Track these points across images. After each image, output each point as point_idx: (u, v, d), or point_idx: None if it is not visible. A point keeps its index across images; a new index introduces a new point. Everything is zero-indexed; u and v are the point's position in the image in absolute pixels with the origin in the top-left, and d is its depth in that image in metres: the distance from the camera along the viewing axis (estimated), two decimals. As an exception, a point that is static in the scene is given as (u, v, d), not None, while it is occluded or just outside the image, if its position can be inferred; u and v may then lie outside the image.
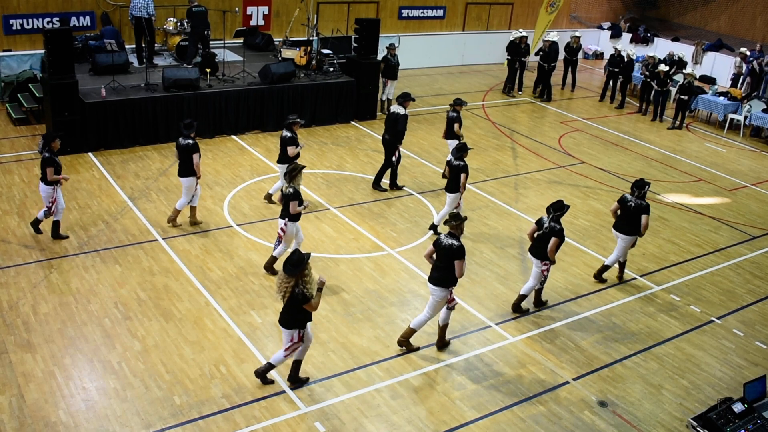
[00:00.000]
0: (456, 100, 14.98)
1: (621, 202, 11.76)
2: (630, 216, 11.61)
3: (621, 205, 11.74)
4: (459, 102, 14.90)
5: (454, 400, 9.06)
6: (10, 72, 18.20)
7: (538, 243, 10.74)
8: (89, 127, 15.48)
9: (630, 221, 11.64)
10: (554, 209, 10.66)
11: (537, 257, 10.81)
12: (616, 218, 11.88)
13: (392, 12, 24.85)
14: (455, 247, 9.37)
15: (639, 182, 11.69)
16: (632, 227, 11.65)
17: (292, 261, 8.20)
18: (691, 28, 30.23)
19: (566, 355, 10.19)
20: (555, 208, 10.66)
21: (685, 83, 21.35)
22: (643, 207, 11.53)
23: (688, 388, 9.75)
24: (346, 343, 9.98)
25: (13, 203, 12.97)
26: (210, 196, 13.94)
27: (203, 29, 18.53)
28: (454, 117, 14.98)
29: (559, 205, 10.69)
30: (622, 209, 11.71)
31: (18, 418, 8.08)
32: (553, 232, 10.53)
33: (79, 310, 10.12)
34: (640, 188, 11.62)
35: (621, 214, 11.75)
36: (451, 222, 9.57)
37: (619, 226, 11.82)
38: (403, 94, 14.61)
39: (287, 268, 8.21)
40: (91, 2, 19.15)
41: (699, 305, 11.85)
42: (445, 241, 9.47)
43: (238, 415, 8.46)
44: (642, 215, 11.52)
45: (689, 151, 19.70)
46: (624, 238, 11.78)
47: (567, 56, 24.28)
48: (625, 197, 11.75)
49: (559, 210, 10.65)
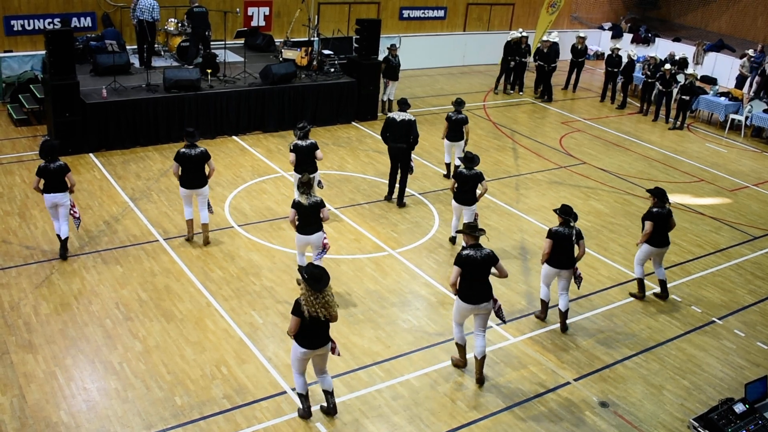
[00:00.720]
0: (460, 100, 14.90)
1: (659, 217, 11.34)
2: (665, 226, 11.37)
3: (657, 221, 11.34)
4: (463, 102, 14.87)
5: (455, 401, 9.06)
6: (11, 73, 18.22)
7: (570, 253, 10.34)
8: (90, 128, 15.49)
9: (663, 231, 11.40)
10: (572, 216, 10.23)
11: (571, 266, 10.46)
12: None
13: (393, 12, 24.86)
14: (492, 254, 9.03)
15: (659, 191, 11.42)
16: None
17: (318, 277, 7.79)
18: (692, 28, 30.24)
19: (567, 355, 10.19)
20: (570, 213, 10.23)
21: (686, 83, 21.35)
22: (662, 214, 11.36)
23: (690, 388, 9.74)
24: (347, 343, 9.98)
25: (15, 204, 12.98)
26: (211, 197, 13.90)
27: (204, 30, 18.54)
28: (465, 119, 14.94)
29: (569, 208, 10.30)
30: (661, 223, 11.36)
31: (19, 418, 8.08)
32: (580, 236, 10.26)
33: (81, 311, 10.13)
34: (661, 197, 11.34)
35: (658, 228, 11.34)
36: (475, 233, 9.07)
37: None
38: (404, 100, 14.27)
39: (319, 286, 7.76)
40: (92, 3, 19.17)
41: (700, 306, 11.85)
42: (478, 254, 8.94)
43: (239, 415, 8.46)
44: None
45: (690, 152, 19.70)
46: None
47: (572, 57, 24.23)
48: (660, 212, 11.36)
49: (573, 214, 10.30)
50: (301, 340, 7.97)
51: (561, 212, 10.26)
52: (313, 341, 8.01)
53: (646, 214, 11.38)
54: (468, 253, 8.95)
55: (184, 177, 11.73)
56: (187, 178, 11.72)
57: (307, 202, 10.19)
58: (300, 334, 7.93)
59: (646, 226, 11.26)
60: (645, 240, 11.32)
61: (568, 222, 10.18)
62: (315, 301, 7.72)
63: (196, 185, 11.76)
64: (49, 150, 11.01)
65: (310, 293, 7.72)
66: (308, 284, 7.70)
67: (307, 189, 10.21)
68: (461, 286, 9.06)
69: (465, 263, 8.93)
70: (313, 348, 8.04)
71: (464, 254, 8.96)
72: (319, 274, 7.75)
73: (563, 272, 10.43)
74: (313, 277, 7.72)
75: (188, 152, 11.61)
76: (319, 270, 7.80)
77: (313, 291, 7.70)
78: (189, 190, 11.80)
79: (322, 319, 7.83)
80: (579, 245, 10.29)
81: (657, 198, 11.33)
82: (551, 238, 10.23)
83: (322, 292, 7.73)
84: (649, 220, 11.26)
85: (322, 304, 7.74)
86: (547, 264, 10.43)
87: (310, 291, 7.71)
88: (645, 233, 11.27)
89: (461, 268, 8.95)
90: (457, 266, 8.97)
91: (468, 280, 9.00)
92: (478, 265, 8.94)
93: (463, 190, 12.19)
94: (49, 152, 10.98)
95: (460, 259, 8.95)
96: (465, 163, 12.10)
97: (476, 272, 8.97)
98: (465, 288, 9.05)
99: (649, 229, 11.21)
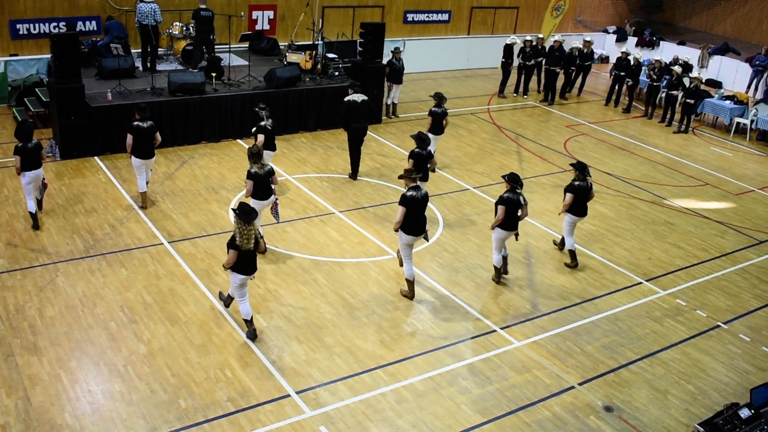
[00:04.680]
0: (441, 95, 15.66)
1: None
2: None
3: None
4: (445, 98, 15.74)
5: (459, 405, 9.05)
6: (17, 76, 18.28)
7: (517, 216, 11.55)
8: (95, 131, 15.52)
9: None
10: (519, 183, 11.42)
11: (517, 227, 11.67)
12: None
13: (397, 16, 24.87)
14: (426, 193, 10.96)
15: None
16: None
17: (248, 211, 9.32)
18: (697, 31, 30.21)
19: (572, 359, 10.17)
20: (518, 181, 11.43)
21: (691, 87, 21.33)
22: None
23: (695, 393, 9.72)
24: (351, 347, 9.97)
25: (20, 207, 13.00)
26: (215, 200, 13.96)
27: (209, 34, 18.58)
28: (446, 112, 15.67)
29: (517, 176, 11.50)
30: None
31: (24, 420, 8.09)
32: (525, 200, 11.48)
33: (85, 314, 10.14)
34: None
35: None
36: (411, 176, 10.79)
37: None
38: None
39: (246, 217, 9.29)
40: (97, 7, 19.21)
41: (705, 310, 11.82)
42: (418, 194, 10.67)
43: (243, 418, 8.46)
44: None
45: (695, 155, 19.67)
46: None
47: (579, 62, 24.19)
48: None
49: (520, 181, 11.48)
50: (240, 269, 9.51)
51: (510, 180, 11.43)
52: (250, 268, 9.61)
53: (568, 187, 12.43)
54: (412, 194, 10.65)
55: (137, 148, 12.85)
56: (140, 149, 12.88)
57: (262, 171, 11.41)
58: (239, 265, 9.45)
59: (567, 197, 12.34)
60: (566, 209, 12.41)
61: (515, 189, 11.37)
62: (245, 232, 9.26)
63: (148, 155, 13.01)
64: (26, 131, 11.92)
65: (241, 225, 9.26)
66: (240, 217, 9.24)
67: (258, 159, 11.40)
68: (406, 222, 10.70)
69: (409, 202, 10.61)
70: (249, 273, 9.62)
71: (408, 195, 10.65)
72: (249, 209, 9.34)
73: (512, 234, 11.66)
74: (243, 211, 9.27)
75: (141, 125, 12.79)
76: (249, 207, 9.39)
77: (243, 223, 9.23)
78: (143, 160, 13.00)
79: (251, 249, 9.42)
80: (523, 210, 11.52)
81: (579, 171, 12.38)
82: (504, 204, 11.32)
83: (249, 224, 9.28)
84: (570, 192, 12.32)
85: (249, 236, 9.32)
86: (499, 228, 11.55)
87: (241, 223, 9.25)
88: (565, 204, 12.37)
89: (406, 207, 10.60)
90: (402, 206, 10.63)
91: (411, 216, 10.69)
92: (419, 203, 10.70)
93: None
94: (26, 134, 11.88)
95: (406, 200, 10.62)
96: (417, 142, 13.06)
97: (418, 209, 10.71)
98: (410, 223, 10.72)
99: (569, 201, 12.30)
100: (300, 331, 10.20)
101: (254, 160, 11.38)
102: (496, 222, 11.48)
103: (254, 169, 11.35)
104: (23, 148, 11.72)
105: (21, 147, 11.72)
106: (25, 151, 11.74)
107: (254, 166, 11.37)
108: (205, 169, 15.46)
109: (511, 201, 11.32)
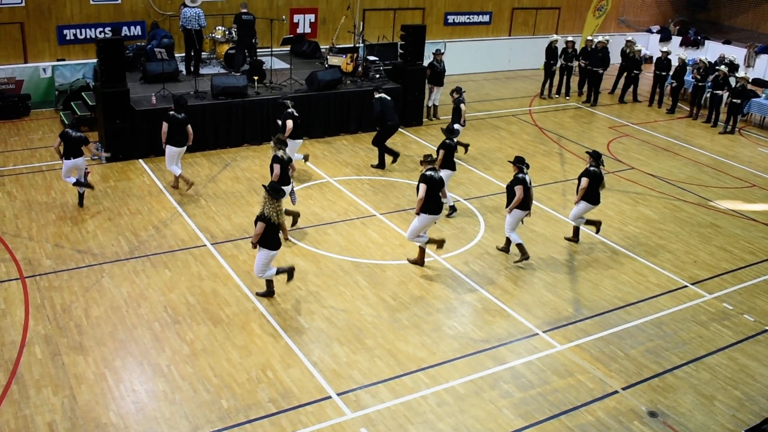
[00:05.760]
0: (460, 88, 16.87)
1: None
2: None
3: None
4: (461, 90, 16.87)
5: (501, 409, 8.99)
6: (64, 81, 18.65)
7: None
8: (140, 134, 15.76)
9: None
10: (526, 164, 12.15)
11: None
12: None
13: (438, 18, 24.83)
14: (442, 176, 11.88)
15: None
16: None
17: (278, 189, 10.36)
18: (743, 30, 29.62)
19: (615, 364, 10.04)
20: (524, 162, 12.16)
21: (738, 86, 20.94)
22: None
23: (742, 399, 9.53)
24: (393, 349, 9.97)
25: (67, 209, 13.25)
26: (257, 202, 14.07)
27: (251, 37, 18.75)
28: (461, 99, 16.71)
29: (522, 158, 12.25)
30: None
31: (70, 418, 8.24)
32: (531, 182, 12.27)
33: (130, 314, 10.29)
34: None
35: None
36: (428, 159, 11.66)
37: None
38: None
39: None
40: (142, 12, 19.51)
41: (753, 314, 11.59)
42: (436, 175, 11.56)
43: (284, 419, 8.51)
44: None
45: (742, 156, 19.31)
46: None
47: (623, 62, 23.86)
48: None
49: (525, 162, 12.20)
50: (269, 244, 10.34)
51: (517, 162, 12.12)
52: (277, 243, 10.48)
53: (583, 172, 12.78)
54: (431, 174, 11.46)
55: (171, 137, 13.77)
56: (175, 138, 13.79)
57: (285, 157, 12.31)
58: (267, 239, 10.27)
59: (583, 182, 12.69)
60: (582, 196, 12.76)
61: (522, 169, 12.05)
62: (274, 206, 10.20)
63: (181, 143, 13.89)
64: (75, 124, 13.32)
65: (270, 201, 10.18)
66: (270, 194, 10.19)
67: (284, 146, 12.39)
68: (428, 201, 11.44)
69: (430, 180, 11.39)
70: (276, 248, 10.48)
71: (428, 174, 11.46)
72: (278, 187, 10.41)
73: (526, 213, 12.31)
74: (273, 188, 10.29)
75: (177, 115, 13.72)
76: (278, 185, 10.57)
77: (272, 199, 10.17)
78: (177, 149, 13.91)
79: (277, 223, 10.30)
80: (531, 190, 12.22)
81: (593, 158, 12.74)
82: (521, 183, 11.91)
83: (279, 201, 10.28)
84: (585, 177, 12.67)
85: (279, 210, 10.32)
86: (517, 209, 12.09)
87: (271, 199, 10.18)
88: (582, 188, 12.71)
89: (428, 185, 11.37)
90: (424, 183, 11.39)
91: (432, 196, 11.46)
92: (438, 183, 11.48)
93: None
94: (75, 125, 13.12)
95: (427, 178, 11.41)
96: (446, 134, 13.86)
97: (436, 189, 11.48)
98: (431, 201, 11.46)
99: (585, 185, 12.64)
100: (341, 333, 10.22)
101: (280, 146, 12.25)
102: (515, 203, 11.99)
103: (280, 153, 12.17)
104: (67, 134, 12.68)
105: (64, 132, 12.72)
106: (68, 138, 12.66)
107: (279, 152, 12.19)
108: (247, 172, 15.59)
109: (524, 180, 12.00)
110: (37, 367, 9.06)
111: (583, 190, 12.71)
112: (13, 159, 15.50)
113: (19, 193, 13.81)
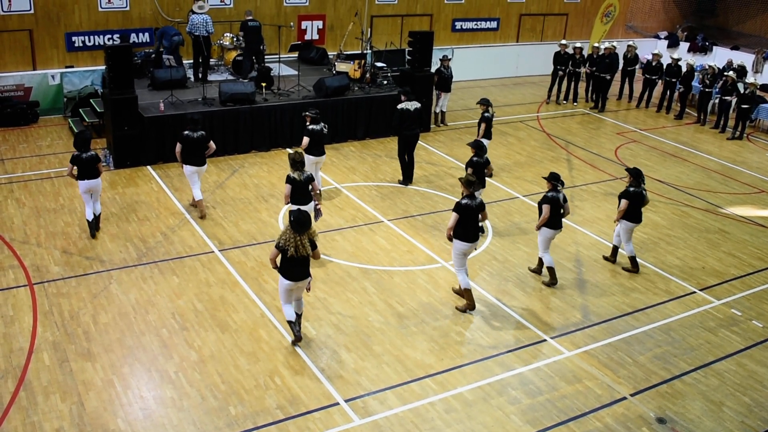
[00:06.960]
0: (486, 100, 16.13)
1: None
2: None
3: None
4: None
5: (509, 415, 8.96)
6: (73, 87, 18.73)
7: (560, 215, 11.76)
8: (148, 141, 15.81)
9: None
10: (560, 182, 11.67)
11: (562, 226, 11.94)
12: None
13: (446, 24, 24.86)
14: (482, 202, 11.03)
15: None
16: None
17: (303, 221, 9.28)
18: (751, 36, 29.53)
19: (624, 370, 10.00)
20: (558, 179, 11.68)
21: (746, 92, 20.88)
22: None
23: (751, 405, 9.48)
24: (400, 355, 9.96)
25: (75, 215, 13.30)
26: (265, 209, 14.10)
27: (258, 44, 18.80)
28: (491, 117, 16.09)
29: (557, 175, 11.76)
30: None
31: (78, 425, 8.25)
32: (565, 199, 11.75)
33: (138, 321, 10.31)
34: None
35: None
36: (470, 188, 10.75)
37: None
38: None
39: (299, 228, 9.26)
40: (150, 19, 19.59)
41: (761, 320, 11.53)
42: (473, 203, 10.67)
43: (292, 426, 8.50)
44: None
45: (750, 162, 19.24)
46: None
47: (624, 66, 23.90)
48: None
49: (561, 180, 11.75)
50: (286, 273, 9.45)
51: (551, 178, 11.66)
52: (296, 274, 9.47)
53: (623, 193, 12.36)
54: (467, 203, 10.63)
55: (186, 156, 13.20)
56: (190, 157, 13.21)
57: (301, 177, 11.49)
58: (285, 268, 9.41)
59: (622, 204, 12.27)
60: (621, 216, 12.34)
61: (557, 187, 11.61)
62: (293, 239, 9.19)
63: (199, 163, 13.29)
64: (83, 141, 12.20)
65: (291, 233, 9.22)
66: (292, 226, 9.23)
67: (300, 166, 11.51)
68: (459, 229, 10.69)
69: (464, 210, 10.61)
70: (296, 280, 9.50)
71: (464, 203, 10.64)
72: (303, 219, 9.26)
73: (557, 232, 11.85)
74: (298, 221, 9.22)
75: (191, 134, 13.08)
76: (305, 217, 9.31)
77: (294, 232, 9.21)
78: (195, 168, 13.30)
79: (298, 256, 9.25)
80: (565, 207, 11.72)
81: (633, 177, 12.35)
82: (549, 202, 11.52)
83: (302, 235, 9.22)
84: (624, 198, 12.26)
85: (300, 244, 9.23)
86: (546, 228, 11.69)
87: (291, 231, 9.22)
88: (620, 210, 12.29)
89: (460, 215, 10.61)
90: (456, 213, 10.63)
91: (464, 223, 10.67)
92: (473, 211, 10.69)
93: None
94: (83, 143, 12.16)
95: (461, 207, 10.62)
96: (476, 150, 13.25)
97: (472, 217, 10.68)
98: (463, 230, 10.70)
99: (623, 206, 12.23)
100: (349, 339, 10.22)
101: (295, 167, 11.55)
102: (541, 222, 11.62)
103: (292, 173, 11.55)
104: (78, 157, 12.04)
105: (76, 156, 12.05)
106: (80, 161, 12.05)
107: (294, 172, 11.53)
108: (255, 178, 15.62)
109: (555, 199, 11.54)
110: (45, 374, 9.08)
111: (621, 212, 12.29)
112: (21, 166, 15.57)
113: (28, 200, 13.87)
